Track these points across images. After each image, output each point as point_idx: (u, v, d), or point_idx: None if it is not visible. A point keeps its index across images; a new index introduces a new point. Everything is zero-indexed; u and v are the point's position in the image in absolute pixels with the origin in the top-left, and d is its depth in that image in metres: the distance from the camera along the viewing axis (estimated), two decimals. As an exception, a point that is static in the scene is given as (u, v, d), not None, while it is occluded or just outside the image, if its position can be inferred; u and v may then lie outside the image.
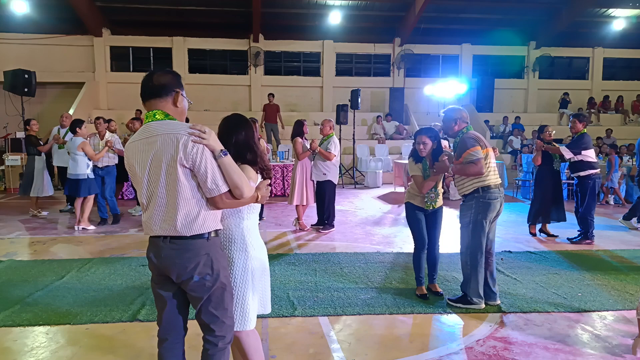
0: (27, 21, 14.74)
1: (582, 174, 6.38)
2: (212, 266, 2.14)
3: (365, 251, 5.95)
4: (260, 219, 7.85)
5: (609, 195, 10.31)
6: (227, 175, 2.09)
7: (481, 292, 4.06)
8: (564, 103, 17.18)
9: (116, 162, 7.60)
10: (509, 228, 7.36)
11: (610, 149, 11.12)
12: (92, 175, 7.18)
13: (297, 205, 7.16)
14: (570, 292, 4.46)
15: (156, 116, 2.14)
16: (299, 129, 7.11)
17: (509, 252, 5.97)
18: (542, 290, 4.52)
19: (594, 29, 17.16)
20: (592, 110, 17.45)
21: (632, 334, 3.57)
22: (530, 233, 6.96)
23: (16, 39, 15.24)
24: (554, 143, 6.69)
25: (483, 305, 4.05)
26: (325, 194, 6.99)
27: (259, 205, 2.50)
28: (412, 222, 4.32)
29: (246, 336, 2.45)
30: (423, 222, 4.29)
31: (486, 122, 16.07)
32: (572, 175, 6.67)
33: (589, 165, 6.31)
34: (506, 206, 9.79)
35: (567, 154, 6.34)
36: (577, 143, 6.32)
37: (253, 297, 2.42)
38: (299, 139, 7.04)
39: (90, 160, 7.11)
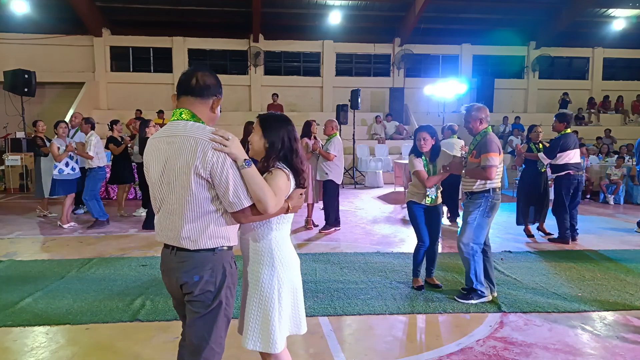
0: (27, 21, 14.74)
1: (555, 175, 6.47)
2: (215, 283, 1.97)
3: (365, 251, 5.95)
4: None
5: (609, 196, 10.31)
6: (250, 188, 1.90)
7: (485, 283, 4.19)
8: (564, 103, 17.19)
9: (99, 164, 7.29)
10: (509, 228, 7.35)
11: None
12: (61, 177, 7.24)
13: (308, 204, 7.26)
14: (570, 292, 4.46)
15: (182, 115, 1.97)
16: (306, 130, 7.18)
17: (509, 252, 5.97)
18: (542, 290, 4.52)
19: (594, 29, 17.17)
20: (592, 110, 17.46)
21: (632, 334, 3.57)
22: (527, 234, 6.92)
23: (16, 39, 15.25)
24: (544, 142, 6.74)
25: (490, 297, 4.19)
26: (325, 193, 7.04)
27: (291, 215, 2.28)
28: (415, 219, 4.43)
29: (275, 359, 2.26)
30: (423, 219, 4.42)
31: (486, 122, 16.04)
32: (552, 174, 6.67)
33: (565, 166, 6.34)
34: (506, 206, 9.80)
35: (545, 161, 6.44)
36: (554, 147, 6.36)
37: (280, 317, 2.19)
38: (304, 140, 7.09)
39: (59, 162, 7.24)
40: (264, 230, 2.20)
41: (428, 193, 4.33)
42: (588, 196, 10.74)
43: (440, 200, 4.49)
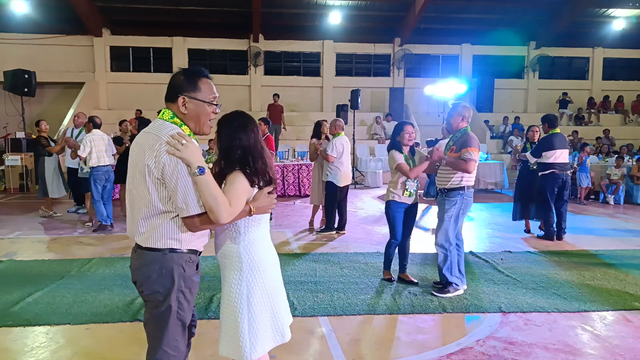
0: (27, 21, 14.74)
1: (540, 173, 6.59)
2: (164, 284, 1.94)
3: (365, 251, 5.94)
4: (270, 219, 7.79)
5: (609, 196, 10.31)
6: (202, 196, 1.85)
7: (458, 275, 4.31)
8: (564, 103, 17.20)
9: (92, 164, 6.88)
10: (509, 228, 7.36)
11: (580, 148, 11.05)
12: (82, 175, 7.35)
13: (314, 205, 7.25)
14: (570, 292, 4.45)
15: (164, 114, 2.00)
16: (316, 130, 7.16)
17: (509, 252, 5.96)
18: (542, 290, 4.52)
19: (594, 29, 17.17)
20: (592, 110, 17.47)
21: (632, 333, 3.58)
22: (526, 230, 7.09)
23: (16, 39, 15.25)
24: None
25: (465, 286, 4.36)
26: (326, 196, 6.90)
27: (264, 216, 2.18)
28: (394, 217, 4.47)
29: None
30: (402, 218, 4.49)
31: (486, 122, 16.07)
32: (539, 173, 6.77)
33: (550, 165, 6.47)
34: (506, 206, 9.77)
35: (531, 159, 6.65)
36: (538, 147, 6.61)
37: (251, 324, 2.08)
38: (312, 140, 7.06)
39: (79, 159, 7.23)
40: (232, 234, 2.12)
41: (407, 187, 4.36)
42: (592, 197, 10.76)
43: (416, 198, 4.55)
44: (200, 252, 2.09)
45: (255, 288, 2.11)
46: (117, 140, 8.31)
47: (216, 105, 2.05)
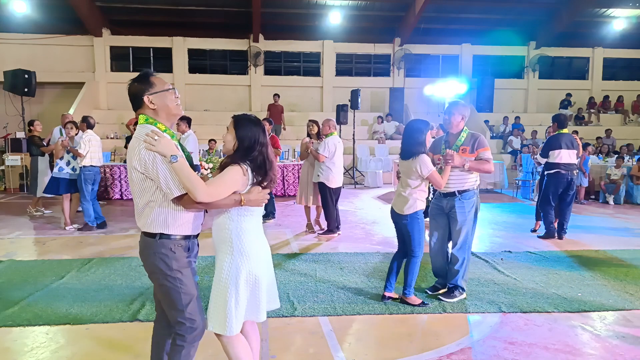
0: (27, 21, 14.75)
1: (546, 172, 6.71)
2: (160, 265, 2.27)
3: (365, 251, 5.94)
4: (272, 217, 7.89)
5: (609, 195, 10.31)
6: (180, 180, 2.16)
7: (467, 280, 4.31)
8: (563, 104, 17.19)
9: (85, 163, 6.93)
10: (509, 228, 7.36)
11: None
12: (60, 175, 7.16)
13: (305, 207, 7.11)
14: (570, 292, 4.45)
15: (140, 119, 2.32)
16: (307, 129, 7.12)
17: (509, 252, 5.97)
18: (542, 290, 4.52)
19: (594, 29, 17.17)
20: (592, 110, 17.46)
21: (632, 334, 3.58)
22: (534, 228, 7.14)
23: (16, 39, 15.25)
24: None
25: (465, 294, 4.29)
26: (321, 198, 6.77)
27: (257, 209, 2.41)
28: (422, 230, 4.07)
29: (228, 341, 2.39)
30: None
31: (486, 122, 16.06)
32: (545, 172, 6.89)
33: (555, 165, 6.57)
34: (506, 206, 9.77)
35: (541, 161, 6.81)
36: (544, 147, 6.75)
37: (237, 304, 2.33)
38: (304, 139, 7.02)
39: (61, 159, 7.15)
40: (224, 221, 2.37)
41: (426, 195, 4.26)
42: (592, 197, 10.78)
43: None
44: (194, 236, 2.39)
45: (243, 271, 2.34)
46: (129, 140, 8.32)
47: (173, 89, 2.37)
